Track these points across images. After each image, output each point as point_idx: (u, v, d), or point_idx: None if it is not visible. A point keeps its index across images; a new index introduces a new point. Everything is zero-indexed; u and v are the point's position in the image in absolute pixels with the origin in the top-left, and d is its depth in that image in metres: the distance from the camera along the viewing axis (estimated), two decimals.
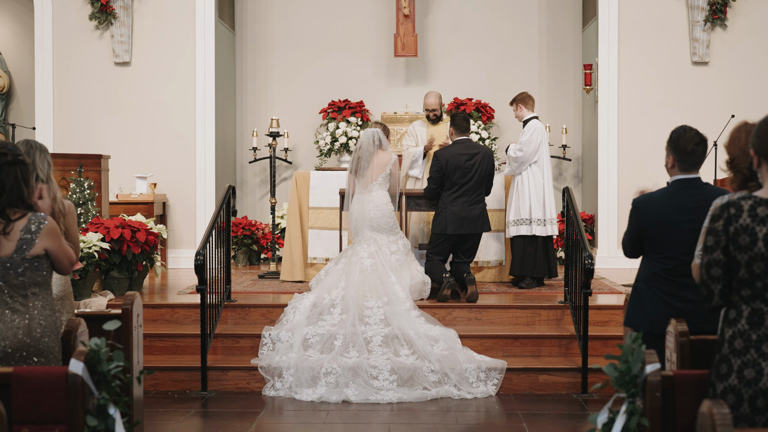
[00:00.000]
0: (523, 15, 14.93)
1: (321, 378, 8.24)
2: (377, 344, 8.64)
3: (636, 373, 4.26)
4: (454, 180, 9.83)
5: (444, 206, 9.86)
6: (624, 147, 13.15)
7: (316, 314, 8.99)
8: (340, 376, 8.22)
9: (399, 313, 8.87)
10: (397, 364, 8.37)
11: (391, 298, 9.03)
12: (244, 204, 14.90)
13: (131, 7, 13.25)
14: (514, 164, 10.61)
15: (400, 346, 8.59)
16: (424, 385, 8.22)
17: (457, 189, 9.83)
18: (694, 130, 5.42)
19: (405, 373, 8.28)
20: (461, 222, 9.81)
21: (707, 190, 5.39)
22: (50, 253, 4.70)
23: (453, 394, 8.16)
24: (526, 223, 10.47)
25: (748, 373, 3.80)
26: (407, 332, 8.64)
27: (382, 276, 9.28)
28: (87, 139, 13.16)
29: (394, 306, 8.95)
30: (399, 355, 8.52)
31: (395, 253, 9.60)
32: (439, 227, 9.88)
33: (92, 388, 4.30)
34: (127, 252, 9.87)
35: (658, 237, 5.37)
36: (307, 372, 8.27)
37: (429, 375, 8.29)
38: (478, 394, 8.20)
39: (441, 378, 8.27)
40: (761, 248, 3.83)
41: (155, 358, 8.74)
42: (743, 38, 13.15)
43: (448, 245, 9.94)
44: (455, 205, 9.83)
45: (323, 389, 8.15)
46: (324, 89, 14.96)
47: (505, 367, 8.42)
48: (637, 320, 5.45)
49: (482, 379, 8.36)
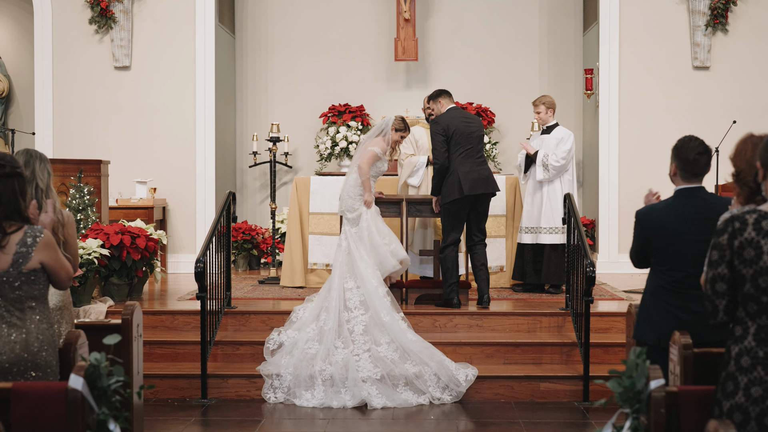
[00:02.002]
0: (523, 19, 14.91)
1: (317, 377, 8.25)
2: (359, 333, 8.69)
3: (640, 389, 4.22)
4: (457, 141, 9.64)
5: (453, 170, 9.59)
6: (625, 152, 13.12)
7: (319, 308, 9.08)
8: (334, 374, 8.24)
9: (370, 292, 8.93)
10: (378, 358, 8.43)
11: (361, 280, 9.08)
12: (244, 208, 14.86)
13: (131, 11, 13.21)
14: (553, 172, 10.51)
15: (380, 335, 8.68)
16: (406, 381, 8.23)
17: (462, 151, 9.65)
18: (699, 140, 5.39)
19: (386, 367, 8.34)
20: (475, 183, 9.58)
21: (711, 201, 5.36)
22: (46, 267, 4.66)
23: (436, 397, 8.20)
24: (560, 231, 10.39)
25: (755, 391, 3.76)
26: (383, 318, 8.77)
27: (354, 256, 9.25)
28: (87, 143, 13.12)
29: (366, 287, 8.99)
30: (380, 344, 8.58)
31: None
32: (452, 193, 9.57)
33: (92, 403, 4.26)
34: (127, 258, 9.84)
35: (663, 249, 5.34)
36: (305, 370, 8.28)
37: (409, 367, 8.32)
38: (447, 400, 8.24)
39: (422, 369, 8.29)
40: (767, 262, 3.80)
41: (155, 365, 8.70)
42: (745, 43, 13.12)
43: (464, 213, 9.66)
44: (465, 166, 9.60)
45: (321, 392, 8.16)
46: (324, 93, 14.93)
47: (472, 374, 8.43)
48: (644, 333, 5.42)
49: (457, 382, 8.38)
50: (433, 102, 9.99)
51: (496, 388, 8.46)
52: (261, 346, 8.88)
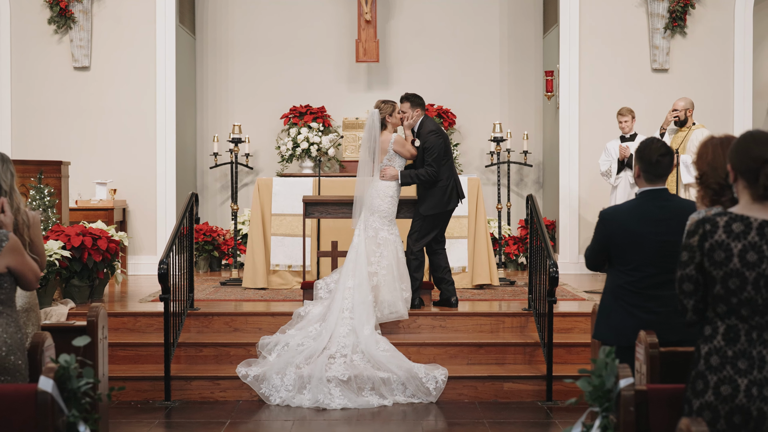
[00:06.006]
0: (484, 21, 14.97)
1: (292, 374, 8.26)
2: (342, 335, 8.69)
3: (609, 388, 4.27)
4: (448, 151, 9.65)
5: (449, 179, 9.56)
6: (585, 153, 13.22)
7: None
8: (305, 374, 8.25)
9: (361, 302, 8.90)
10: (351, 365, 8.41)
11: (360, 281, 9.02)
12: (205, 209, 14.80)
13: (90, 11, 13.11)
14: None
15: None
16: (373, 386, 8.23)
17: (450, 160, 9.68)
18: (661, 141, 5.46)
19: (355, 370, 8.34)
20: (460, 186, 9.71)
21: (674, 202, 5.42)
22: (13, 271, 4.61)
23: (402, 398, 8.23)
24: None
25: (725, 390, 3.81)
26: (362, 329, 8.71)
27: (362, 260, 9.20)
28: (46, 144, 13.01)
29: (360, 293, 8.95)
30: (355, 352, 8.56)
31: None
32: (451, 202, 9.57)
33: (62, 405, 4.23)
34: (88, 260, 9.77)
35: (625, 249, 5.38)
36: (292, 372, 8.30)
37: (378, 373, 8.33)
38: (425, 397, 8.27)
39: (390, 377, 8.28)
40: (737, 264, 3.85)
41: (117, 367, 8.64)
42: (703, 45, 13.27)
43: (445, 223, 9.72)
44: (455, 174, 9.67)
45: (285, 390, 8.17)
46: (285, 94, 14.90)
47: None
48: (603, 333, 5.47)
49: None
50: (413, 107, 9.68)
51: (459, 389, 8.48)
52: (224, 348, 8.87)
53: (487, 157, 14.53)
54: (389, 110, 9.48)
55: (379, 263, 9.16)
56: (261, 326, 9.27)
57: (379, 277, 9.13)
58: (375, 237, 9.23)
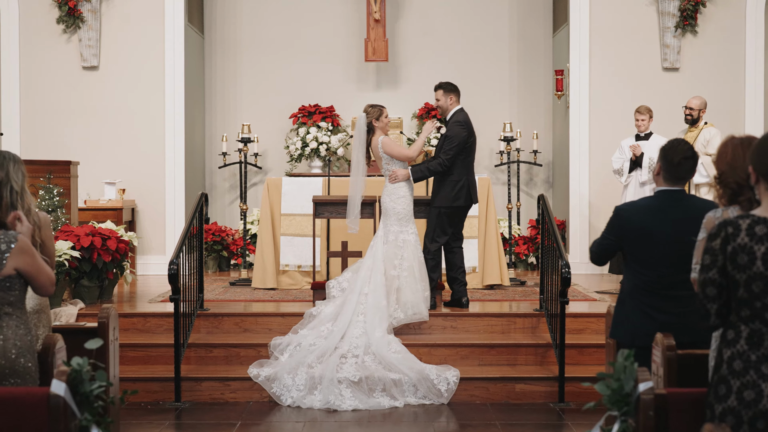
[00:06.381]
0: (494, 20, 14.91)
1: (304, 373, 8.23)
2: (356, 336, 8.65)
3: (628, 391, 4.21)
4: (471, 149, 9.61)
5: (462, 176, 9.50)
6: (595, 152, 13.17)
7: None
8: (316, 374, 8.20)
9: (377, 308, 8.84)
10: (363, 366, 8.36)
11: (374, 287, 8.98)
12: (214, 209, 14.76)
13: (99, 11, 13.08)
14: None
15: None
16: (384, 388, 8.18)
17: (471, 159, 9.66)
18: (688, 144, 5.41)
19: (366, 371, 8.29)
20: (476, 192, 9.68)
21: (691, 203, 5.38)
22: (23, 273, 4.56)
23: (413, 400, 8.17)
24: None
25: (748, 395, 3.76)
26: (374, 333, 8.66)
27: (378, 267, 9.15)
28: (55, 144, 12.98)
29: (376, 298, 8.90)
30: (367, 354, 8.52)
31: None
32: (459, 199, 9.52)
33: (75, 409, 4.19)
34: (98, 260, 9.74)
35: (640, 248, 5.34)
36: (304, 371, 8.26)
37: (390, 374, 8.27)
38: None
39: (401, 378, 8.22)
40: (760, 267, 3.79)
41: (127, 368, 8.59)
42: (714, 44, 13.20)
43: (462, 219, 9.72)
44: (472, 175, 9.63)
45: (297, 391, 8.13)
46: (294, 94, 14.85)
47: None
48: (619, 333, 5.44)
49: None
50: (445, 94, 9.72)
51: (471, 390, 8.43)
52: (234, 349, 8.83)
53: (496, 156, 14.46)
54: (376, 114, 9.46)
55: (401, 266, 9.13)
56: (271, 327, 9.23)
57: (401, 279, 9.09)
58: (395, 241, 9.20)
